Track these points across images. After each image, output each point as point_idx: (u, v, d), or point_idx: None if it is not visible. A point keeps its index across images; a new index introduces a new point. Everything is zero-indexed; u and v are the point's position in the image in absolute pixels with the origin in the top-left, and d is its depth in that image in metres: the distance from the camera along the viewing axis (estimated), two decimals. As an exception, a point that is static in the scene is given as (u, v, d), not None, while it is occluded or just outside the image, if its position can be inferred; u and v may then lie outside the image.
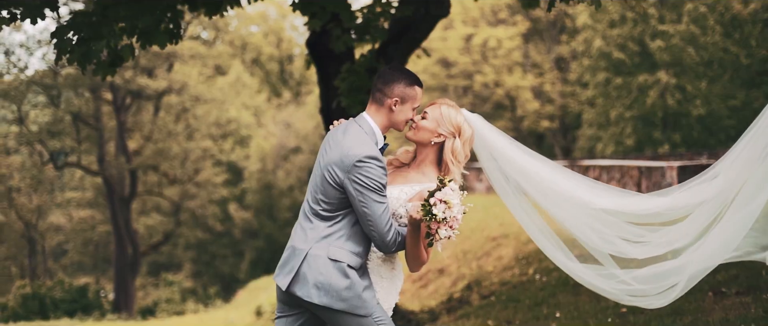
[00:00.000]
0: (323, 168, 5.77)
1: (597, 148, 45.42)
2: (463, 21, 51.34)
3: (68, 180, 58.32)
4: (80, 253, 57.25)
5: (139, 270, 52.51)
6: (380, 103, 5.90)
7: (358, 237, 5.78)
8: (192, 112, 51.21)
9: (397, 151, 6.37)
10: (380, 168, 5.64)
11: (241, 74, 57.29)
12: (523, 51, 51.82)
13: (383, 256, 5.96)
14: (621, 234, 6.43)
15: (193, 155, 51.33)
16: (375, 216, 5.61)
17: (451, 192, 5.44)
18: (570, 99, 50.30)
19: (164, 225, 55.22)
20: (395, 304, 6.10)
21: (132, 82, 47.92)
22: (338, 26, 13.46)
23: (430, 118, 6.01)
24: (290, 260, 5.80)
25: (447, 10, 14.31)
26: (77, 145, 50.54)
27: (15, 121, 49.55)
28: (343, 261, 5.67)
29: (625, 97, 43.46)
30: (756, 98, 41.31)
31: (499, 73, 50.24)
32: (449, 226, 5.48)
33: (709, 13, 41.33)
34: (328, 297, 5.64)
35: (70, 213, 56.02)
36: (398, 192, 5.92)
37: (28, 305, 40.76)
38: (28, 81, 47.94)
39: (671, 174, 20.15)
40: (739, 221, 6.09)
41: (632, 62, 43.47)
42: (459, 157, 6.00)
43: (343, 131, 5.84)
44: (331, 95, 14.79)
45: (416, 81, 5.93)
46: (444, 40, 50.80)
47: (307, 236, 5.78)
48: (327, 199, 5.74)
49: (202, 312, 40.11)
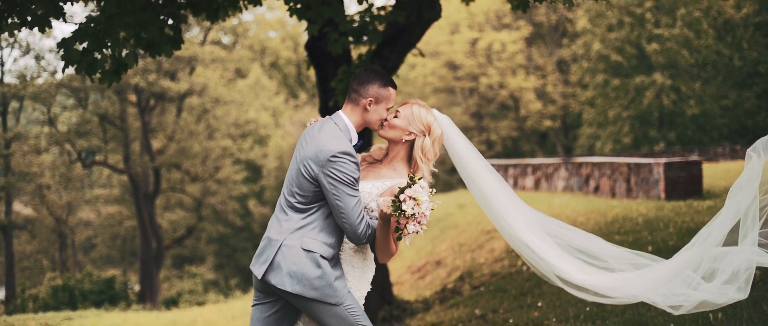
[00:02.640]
0: (299, 162, 5.78)
1: (596, 145, 45.40)
2: (469, 25, 51.35)
3: (96, 178, 58.54)
4: (108, 247, 57.41)
5: (163, 262, 52.58)
6: (355, 102, 5.91)
7: (331, 229, 5.78)
8: (212, 113, 51.28)
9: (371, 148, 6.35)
10: (353, 163, 5.65)
11: (260, 77, 57.33)
12: (526, 54, 51.79)
13: (355, 247, 5.95)
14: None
15: (214, 154, 51.36)
16: (347, 209, 5.62)
17: (420, 190, 5.45)
18: (571, 99, 50.27)
19: (187, 221, 55.30)
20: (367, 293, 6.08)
21: (155, 85, 48.01)
22: (335, 30, 13.46)
23: (401, 117, 6.00)
24: (266, 250, 5.81)
25: (438, 13, 14.31)
26: (104, 145, 50.68)
27: (45, 122, 49.71)
28: (316, 251, 5.68)
29: (622, 98, 43.43)
30: (747, 98, 41.26)
31: (503, 75, 50.25)
32: (417, 222, 5.50)
33: (703, 17, 41.29)
34: (300, 286, 5.65)
35: (98, 209, 56.21)
36: (370, 187, 5.92)
37: (58, 296, 40.86)
38: (57, 84, 48.08)
39: (658, 170, 20.12)
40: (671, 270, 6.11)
41: (629, 64, 43.44)
42: (428, 154, 5.98)
43: (319, 128, 5.85)
44: (329, 96, 14.81)
45: (390, 82, 5.93)
46: (451, 43, 50.87)
47: (282, 227, 5.79)
48: (302, 192, 5.75)
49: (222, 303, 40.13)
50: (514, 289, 13.21)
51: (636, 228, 15.58)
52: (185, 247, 56.99)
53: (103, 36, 10.73)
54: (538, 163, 30.91)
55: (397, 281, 23.43)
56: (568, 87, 51.00)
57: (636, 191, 21.51)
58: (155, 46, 11.17)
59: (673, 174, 19.59)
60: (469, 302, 13.50)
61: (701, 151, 33.58)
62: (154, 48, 11.20)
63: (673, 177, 19.56)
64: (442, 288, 17.59)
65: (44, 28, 10.48)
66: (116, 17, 10.74)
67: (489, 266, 17.08)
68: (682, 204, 17.92)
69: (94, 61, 10.66)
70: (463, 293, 15.23)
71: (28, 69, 48.38)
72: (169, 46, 11.25)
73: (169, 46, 11.25)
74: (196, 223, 54.96)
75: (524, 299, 12.11)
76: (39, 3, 10.46)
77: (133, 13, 10.77)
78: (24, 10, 10.34)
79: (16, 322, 30.87)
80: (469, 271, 17.75)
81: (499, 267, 16.28)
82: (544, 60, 52.21)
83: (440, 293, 16.77)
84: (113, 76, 11.25)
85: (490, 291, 14.20)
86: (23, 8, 10.34)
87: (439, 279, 19.58)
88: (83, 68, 10.69)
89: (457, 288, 16.36)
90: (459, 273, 18.30)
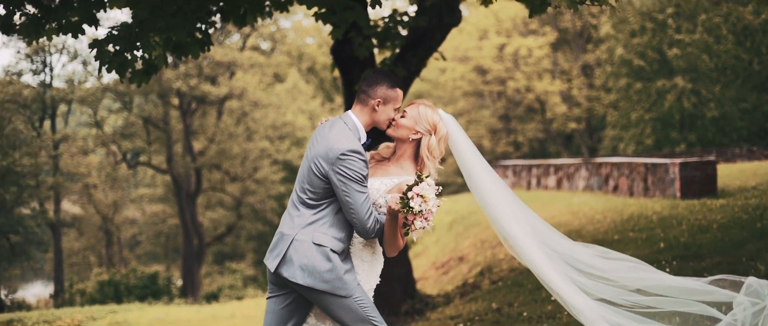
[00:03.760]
0: (310, 160, 5.81)
1: (619, 147, 45.18)
2: (497, 31, 51.28)
3: (141, 178, 59.03)
4: (152, 244, 57.82)
5: (204, 259, 52.83)
6: (364, 103, 5.94)
7: (341, 224, 5.80)
8: (251, 116, 51.51)
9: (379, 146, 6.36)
10: (362, 161, 5.67)
11: (297, 81, 57.48)
12: (552, 59, 51.62)
13: (365, 242, 5.97)
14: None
15: (253, 155, 51.57)
16: (356, 205, 5.64)
17: (427, 188, 5.47)
18: (595, 102, 50.06)
19: (227, 219, 55.57)
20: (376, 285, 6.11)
21: (197, 89, 48.29)
22: (360, 34, 13.50)
23: (408, 117, 6.02)
24: (278, 244, 5.84)
25: (458, 19, 14.36)
26: (148, 146, 51.04)
27: (92, 125, 50.10)
28: (327, 245, 5.71)
29: (644, 101, 43.19)
30: (766, 101, 40.93)
31: (530, 79, 50.16)
32: (424, 218, 5.52)
33: (723, 23, 40.96)
34: (311, 279, 5.67)
35: (143, 208, 56.63)
36: (379, 184, 5.93)
37: (104, 291, 41.13)
38: (103, 88, 48.44)
39: (674, 170, 20.03)
40: None
41: (651, 69, 43.19)
42: (434, 153, 6.00)
43: (329, 127, 5.88)
44: (354, 98, 14.82)
45: (397, 84, 5.95)
46: (479, 49, 50.84)
47: (294, 222, 5.81)
48: (313, 189, 5.78)
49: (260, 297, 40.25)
50: (529, 284, 13.19)
51: (650, 225, 15.53)
52: (226, 244, 57.24)
53: (135, 39, 10.83)
54: (559, 164, 30.91)
55: (422, 276, 23.47)
56: (592, 90, 50.80)
57: (653, 190, 21.43)
58: (183, 48, 11.25)
59: (688, 173, 19.51)
60: (487, 296, 13.50)
61: (719, 151, 33.37)
62: (182, 50, 11.29)
63: (688, 177, 19.48)
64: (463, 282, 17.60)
65: (77, 35, 10.58)
66: (147, 22, 10.83)
67: (508, 262, 17.05)
68: (696, 202, 17.83)
69: (125, 61, 10.76)
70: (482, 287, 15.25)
71: (76, 74, 48.79)
72: (196, 47, 11.33)
73: (196, 47, 11.33)
74: (236, 221, 55.22)
75: (539, 293, 12.09)
76: (74, 10, 10.56)
77: (164, 18, 10.85)
78: (59, 16, 10.45)
79: (63, 315, 31.14)
80: (489, 266, 17.74)
81: (517, 263, 16.24)
82: (570, 64, 52.02)
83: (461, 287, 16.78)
84: (143, 76, 11.35)
85: (507, 286, 14.19)
86: (59, 14, 10.44)
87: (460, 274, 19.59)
88: (114, 68, 10.79)
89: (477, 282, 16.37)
90: (479, 268, 18.30)
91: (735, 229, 12.70)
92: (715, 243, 11.92)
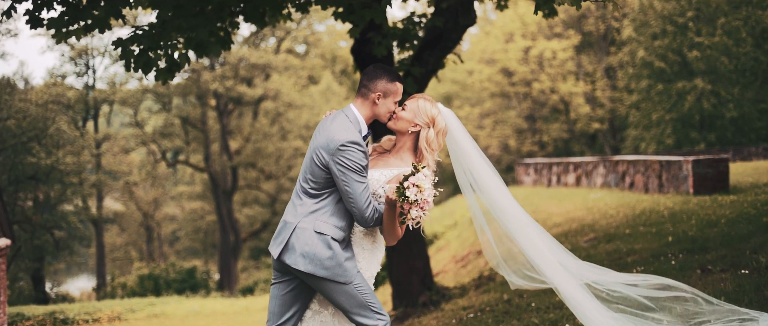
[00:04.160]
0: (312, 151, 5.83)
1: (641, 146, 44.93)
2: (522, 35, 51.19)
3: (180, 176, 59.40)
4: (191, 239, 58.20)
5: (240, 254, 53.11)
6: (365, 97, 5.95)
7: (342, 213, 5.82)
8: (285, 116, 51.70)
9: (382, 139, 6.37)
10: (361, 152, 5.68)
11: (330, 83, 57.59)
12: (576, 61, 51.42)
13: (365, 231, 5.98)
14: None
15: (286, 153, 51.76)
16: (356, 195, 5.66)
17: (423, 178, 5.48)
18: (618, 103, 49.82)
19: (262, 215, 55.77)
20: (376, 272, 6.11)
21: (233, 90, 48.56)
22: (378, 34, 13.52)
23: (408, 110, 6.03)
24: (282, 232, 5.86)
25: (473, 19, 14.32)
26: (186, 146, 51.39)
27: (133, 125, 50.48)
28: (327, 234, 5.73)
29: (665, 102, 42.91)
30: (784, 102, 40.66)
31: (554, 81, 50.04)
32: (420, 208, 5.53)
33: (742, 26, 40.61)
34: (312, 265, 5.69)
35: (182, 205, 57.07)
36: (378, 175, 5.95)
37: (144, 284, 41.49)
38: (143, 90, 48.81)
39: (687, 167, 19.92)
40: None
41: (672, 70, 42.89)
42: (433, 145, 6.01)
43: (331, 119, 5.89)
44: (372, 97, 14.84)
45: (397, 78, 5.96)
46: (505, 52, 50.79)
47: (296, 211, 5.84)
48: (314, 179, 5.79)
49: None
50: (540, 276, 13.13)
51: (661, 220, 15.43)
52: (261, 240, 57.44)
53: (158, 39, 10.90)
54: (578, 161, 30.88)
55: (442, 269, 23.46)
56: (615, 92, 50.57)
57: (667, 186, 21.32)
58: (204, 47, 11.30)
59: (701, 170, 19.39)
60: (500, 288, 13.44)
61: (736, 150, 33.15)
62: (204, 49, 11.34)
63: (701, 174, 19.36)
64: (479, 275, 17.57)
65: (104, 30, 10.66)
66: (170, 21, 10.90)
67: (523, 254, 16.94)
68: (707, 198, 17.70)
69: (149, 59, 10.84)
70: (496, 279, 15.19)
71: (117, 76, 49.18)
72: (217, 46, 11.38)
73: (217, 46, 11.38)
74: (271, 218, 55.39)
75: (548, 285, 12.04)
76: (100, 7, 10.65)
77: (186, 18, 10.91)
78: (85, 14, 10.52)
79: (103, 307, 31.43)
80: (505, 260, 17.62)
81: (531, 258, 16.17)
82: (593, 66, 51.81)
83: (477, 280, 16.75)
84: (167, 74, 11.43)
85: (520, 278, 14.11)
86: (85, 12, 10.52)
87: (477, 267, 19.55)
88: (139, 67, 10.87)
89: (492, 275, 16.33)
90: (496, 261, 18.17)
91: (742, 224, 12.59)
92: (721, 236, 11.82)
